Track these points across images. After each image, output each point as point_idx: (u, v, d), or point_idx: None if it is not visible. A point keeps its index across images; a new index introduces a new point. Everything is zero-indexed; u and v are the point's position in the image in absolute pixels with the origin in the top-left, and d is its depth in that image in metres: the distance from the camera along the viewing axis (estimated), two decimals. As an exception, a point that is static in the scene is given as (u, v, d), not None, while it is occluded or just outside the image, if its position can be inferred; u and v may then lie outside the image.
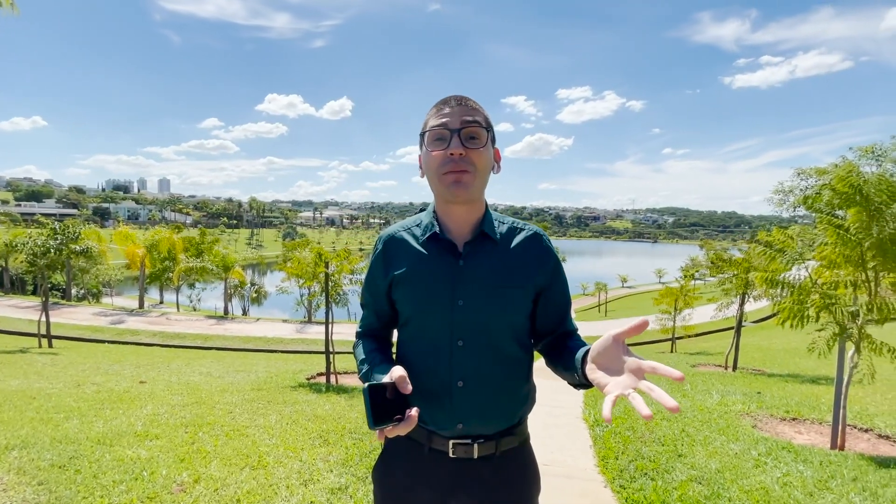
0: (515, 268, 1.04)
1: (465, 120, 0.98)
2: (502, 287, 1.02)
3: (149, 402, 4.75)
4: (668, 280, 39.11)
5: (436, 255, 1.04)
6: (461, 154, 0.97)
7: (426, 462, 1.04)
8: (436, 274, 1.03)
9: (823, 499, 2.72)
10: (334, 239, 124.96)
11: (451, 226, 1.06)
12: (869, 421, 4.53)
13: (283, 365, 8.72)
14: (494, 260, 1.04)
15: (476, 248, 1.04)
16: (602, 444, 3.65)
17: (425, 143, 1.02)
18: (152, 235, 25.49)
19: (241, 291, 31.89)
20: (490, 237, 1.05)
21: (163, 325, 17.81)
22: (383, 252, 1.10)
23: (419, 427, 1.04)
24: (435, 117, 1.01)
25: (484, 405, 1.01)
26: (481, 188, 1.03)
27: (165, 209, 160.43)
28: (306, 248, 9.67)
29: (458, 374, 1.01)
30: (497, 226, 1.08)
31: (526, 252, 1.06)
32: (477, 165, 0.99)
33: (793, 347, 11.67)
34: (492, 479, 1.03)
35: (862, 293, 3.94)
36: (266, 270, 53.17)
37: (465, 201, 1.01)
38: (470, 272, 1.02)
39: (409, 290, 1.05)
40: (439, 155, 0.99)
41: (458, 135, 0.97)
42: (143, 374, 6.87)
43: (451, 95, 1.03)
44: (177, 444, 3.36)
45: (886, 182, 3.76)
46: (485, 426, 1.02)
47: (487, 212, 1.08)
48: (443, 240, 1.05)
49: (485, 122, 1.01)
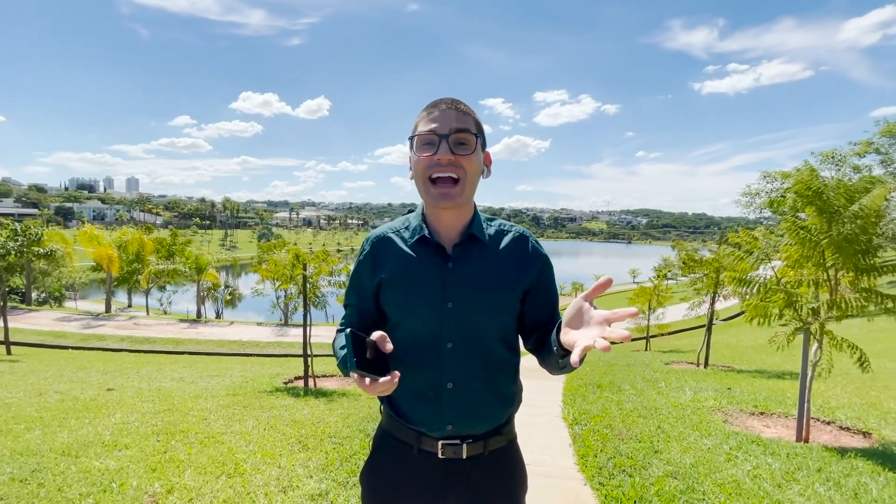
0: (504, 270, 1.05)
1: (455, 127, 0.98)
2: (491, 289, 1.02)
3: (117, 410, 4.57)
4: (642, 280, 40.12)
5: (425, 258, 1.04)
6: (450, 160, 0.97)
7: (415, 463, 1.04)
8: (425, 277, 1.03)
9: (791, 490, 2.84)
10: (311, 240, 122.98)
11: (439, 229, 1.06)
12: (831, 413, 4.75)
13: (260, 369, 8.52)
14: (483, 262, 1.04)
15: (465, 251, 1.04)
16: (581, 443, 3.71)
17: (414, 147, 1.01)
18: (120, 236, 24.52)
19: (215, 294, 31.04)
20: (479, 239, 1.05)
21: (131, 329, 17.16)
22: (371, 254, 1.09)
23: (408, 429, 1.04)
24: (425, 121, 1.00)
25: (473, 406, 1.02)
26: (470, 194, 1.02)
27: (134, 209, 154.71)
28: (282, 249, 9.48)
29: (448, 375, 1.01)
30: (485, 227, 1.08)
31: (514, 254, 1.07)
32: (466, 171, 0.99)
33: (759, 344, 12.12)
34: (480, 479, 1.04)
35: (823, 291, 4.13)
36: (241, 272, 51.88)
37: (453, 207, 1.01)
38: (459, 274, 1.02)
39: (397, 292, 1.04)
40: (427, 159, 0.99)
41: (446, 140, 0.97)
42: (110, 381, 6.60)
43: (441, 98, 1.03)
44: (148, 454, 3.24)
45: (844, 186, 3.97)
46: (474, 427, 1.03)
47: (476, 214, 1.08)
48: (432, 242, 1.04)
49: (475, 127, 1.01)
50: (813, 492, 2.81)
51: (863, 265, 3.84)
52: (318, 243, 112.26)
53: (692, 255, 13.13)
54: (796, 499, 2.72)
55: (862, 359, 3.90)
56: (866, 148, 18.25)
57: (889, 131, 17.58)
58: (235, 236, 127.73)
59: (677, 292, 16.36)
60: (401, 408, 1.06)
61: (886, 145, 17.97)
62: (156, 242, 26.27)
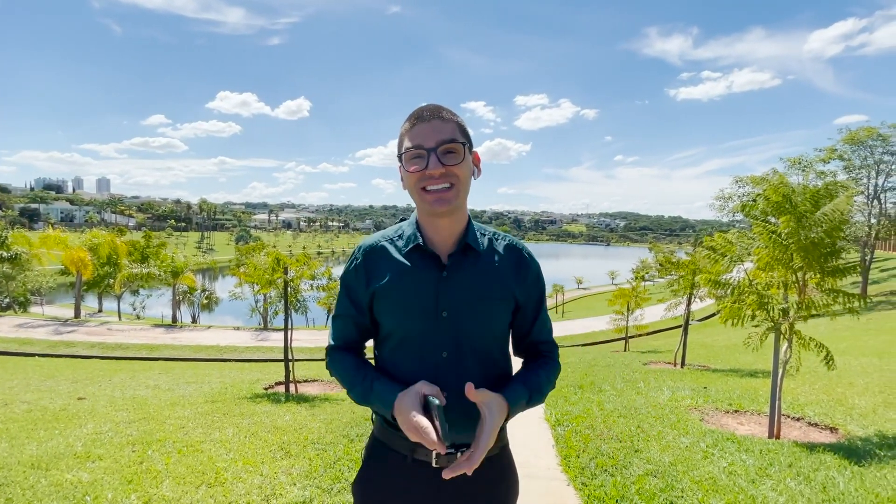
0: (498, 279, 1.06)
1: (441, 139, 0.98)
2: (486, 299, 1.04)
3: (89, 419, 4.41)
4: (621, 281, 40.92)
5: (420, 267, 1.04)
6: (441, 173, 0.98)
7: (409, 472, 1.04)
8: (420, 286, 1.03)
9: (764, 485, 2.94)
10: (291, 242, 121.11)
11: (434, 237, 1.06)
12: (800, 410, 4.94)
13: (239, 375, 8.35)
14: (478, 271, 1.05)
15: (459, 260, 1.05)
16: (564, 444, 3.76)
17: (403, 163, 1.02)
18: (90, 238, 23.65)
19: (191, 298, 30.26)
20: (473, 248, 1.06)
21: (103, 335, 16.57)
22: (364, 263, 1.09)
23: (401, 438, 1.04)
24: (409, 136, 1.00)
25: (468, 414, 1.02)
26: (464, 198, 1.04)
27: (105, 210, 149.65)
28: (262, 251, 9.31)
29: (443, 384, 1.01)
30: (479, 237, 1.09)
31: (508, 264, 1.08)
32: (459, 177, 1.00)
33: (733, 344, 12.51)
34: (473, 486, 1.04)
35: (792, 293, 4.31)
36: (218, 275, 50.69)
37: (448, 213, 1.02)
38: (454, 284, 1.03)
39: (392, 302, 1.04)
40: (418, 174, 0.99)
41: (434, 153, 0.97)
42: (81, 390, 6.37)
43: (422, 107, 1.02)
44: (123, 465, 3.15)
45: (810, 192, 4.16)
46: (468, 434, 1.03)
47: (470, 222, 1.08)
48: (426, 251, 1.05)
49: (461, 133, 1.01)
50: (784, 486, 2.92)
51: (828, 267, 4.03)
52: (298, 245, 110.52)
53: (669, 257, 13.47)
54: (769, 494, 2.82)
55: (827, 357, 4.08)
56: (830, 154, 19.08)
57: (851, 139, 18.41)
58: (212, 239, 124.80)
59: (655, 293, 16.77)
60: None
61: (849, 152, 18.81)
62: (129, 245, 25.45)
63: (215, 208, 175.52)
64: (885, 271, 24.76)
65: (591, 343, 18.06)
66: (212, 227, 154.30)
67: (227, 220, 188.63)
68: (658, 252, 38.60)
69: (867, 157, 18.44)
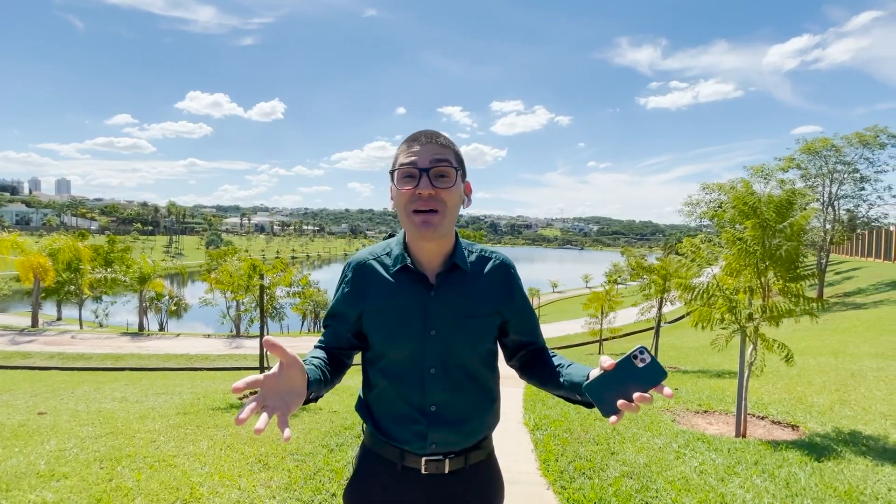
0: (484, 297, 1.09)
1: (435, 159, 1.00)
2: (472, 317, 1.07)
3: (51, 435, 4.20)
4: (595, 285, 41.81)
5: (407, 287, 1.07)
6: (430, 193, 0.99)
7: (398, 479, 1.07)
8: (407, 305, 1.05)
9: (732, 483, 3.07)
10: (264, 246, 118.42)
11: (421, 257, 1.08)
12: (764, 409, 5.17)
13: (211, 384, 8.10)
14: (465, 290, 1.08)
15: (447, 279, 1.08)
16: (543, 448, 3.82)
17: (395, 181, 1.04)
18: (50, 243, 22.49)
19: (159, 304, 29.14)
20: (460, 267, 1.09)
21: (63, 344, 15.79)
22: (352, 281, 1.11)
23: (391, 447, 1.07)
24: (404, 154, 1.02)
25: (456, 426, 1.06)
26: (451, 225, 1.05)
27: (65, 213, 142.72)
28: (234, 256, 9.06)
29: (431, 398, 1.05)
30: (467, 255, 1.11)
31: (494, 281, 1.12)
32: (447, 203, 1.01)
33: (701, 345, 12.96)
34: (461, 492, 1.08)
35: (757, 298, 4.53)
36: (187, 281, 49.02)
37: (435, 239, 1.04)
38: (441, 303, 1.06)
39: (380, 321, 1.07)
40: (408, 193, 1.01)
41: (426, 174, 0.99)
42: (41, 404, 6.06)
43: (420, 131, 1.05)
44: (91, 483, 3.02)
45: (774, 201, 4.40)
46: (455, 444, 1.07)
47: (458, 242, 1.11)
48: (414, 272, 1.07)
49: (455, 160, 1.04)
50: (751, 484, 3.06)
51: (791, 273, 4.27)
52: (272, 250, 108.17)
53: (641, 261, 13.88)
54: (737, 491, 2.95)
55: (788, 355, 4.31)
56: (789, 163, 20.09)
57: (807, 149, 19.45)
58: (181, 243, 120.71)
59: (628, 297, 17.22)
60: (386, 429, 1.09)
61: (806, 161, 19.85)
62: (92, 249, 24.32)
63: (185, 211, 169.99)
64: (839, 274, 26.20)
65: (566, 346, 18.36)
66: (181, 230, 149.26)
67: (197, 223, 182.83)
68: (630, 256, 39.81)
69: (822, 166, 19.51)
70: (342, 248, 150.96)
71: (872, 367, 7.19)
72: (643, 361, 0.88)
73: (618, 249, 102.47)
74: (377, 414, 1.10)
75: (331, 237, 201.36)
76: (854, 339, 9.78)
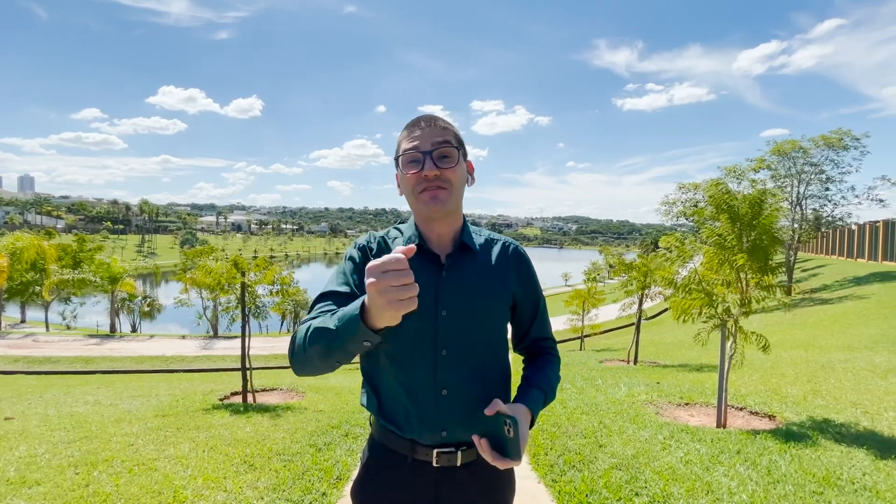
0: (495, 278, 1.10)
1: (436, 141, 1.03)
2: (483, 297, 1.07)
3: (20, 441, 4.01)
4: (574, 283, 42.45)
5: (419, 267, 1.03)
6: (436, 175, 1.01)
7: (409, 473, 1.05)
8: (420, 285, 1.03)
9: (717, 471, 3.15)
10: (241, 245, 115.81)
11: (432, 238, 1.09)
12: (742, 400, 5.33)
13: (190, 386, 7.87)
14: (475, 270, 1.09)
15: (458, 260, 1.08)
16: (532, 442, 3.84)
17: (400, 167, 1.05)
18: (12, 242, 21.47)
19: (130, 305, 28.19)
20: (470, 248, 1.10)
21: (28, 347, 15.10)
22: (363, 259, 1.07)
23: (401, 439, 1.05)
24: (407, 140, 1.04)
25: (467, 411, 1.04)
26: (458, 201, 1.07)
27: (29, 211, 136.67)
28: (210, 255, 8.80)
29: (442, 382, 1.03)
30: (475, 237, 1.13)
31: (504, 262, 1.12)
32: (452, 182, 1.04)
33: (681, 340, 13.29)
34: (472, 485, 1.06)
35: (735, 292, 4.67)
36: (161, 281, 47.55)
37: (443, 216, 1.05)
38: (453, 283, 1.06)
39: None
40: (414, 176, 1.03)
41: (430, 156, 1.01)
42: (7, 409, 5.76)
43: (420, 116, 1.07)
44: (66, 489, 2.89)
45: (749, 199, 4.56)
46: (467, 432, 1.05)
47: (466, 224, 1.13)
48: (426, 251, 1.07)
49: (455, 140, 1.06)
50: (735, 472, 3.14)
51: (766, 267, 4.42)
52: (249, 249, 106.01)
53: (621, 259, 14.14)
54: (722, 479, 3.02)
55: (765, 345, 4.46)
56: (760, 164, 20.79)
57: (777, 150, 20.16)
58: (154, 242, 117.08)
59: (608, 294, 17.54)
60: (394, 415, 1.06)
61: (775, 162, 20.58)
62: (58, 249, 23.31)
63: (158, 210, 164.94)
64: (806, 271, 27.27)
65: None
66: (153, 229, 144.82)
67: (171, 222, 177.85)
68: (608, 255, 40.66)
69: (791, 167, 20.24)
70: (322, 248, 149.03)
71: (840, 359, 7.50)
72: (507, 432, 0.90)
73: (596, 248, 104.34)
74: (385, 402, 1.07)
75: (310, 236, 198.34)
76: (822, 333, 10.17)
